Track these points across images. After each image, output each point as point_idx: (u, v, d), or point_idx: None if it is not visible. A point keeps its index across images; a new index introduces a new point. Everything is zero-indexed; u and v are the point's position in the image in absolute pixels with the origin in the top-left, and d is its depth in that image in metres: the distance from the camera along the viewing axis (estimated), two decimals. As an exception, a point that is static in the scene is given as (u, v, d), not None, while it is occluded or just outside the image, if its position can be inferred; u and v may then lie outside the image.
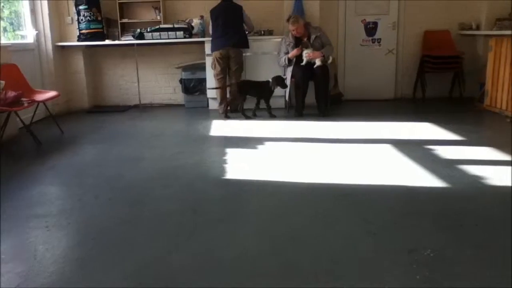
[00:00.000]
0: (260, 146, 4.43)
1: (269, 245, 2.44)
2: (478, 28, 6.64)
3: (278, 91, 6.25)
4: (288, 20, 5.92)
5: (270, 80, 5.73)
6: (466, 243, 2.42)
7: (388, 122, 5.31)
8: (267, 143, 4.54)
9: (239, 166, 3.83)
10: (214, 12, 6.08)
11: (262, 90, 5.80)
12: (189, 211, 2.92)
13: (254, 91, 5.86)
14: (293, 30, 5.85)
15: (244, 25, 6.13)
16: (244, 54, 6.21)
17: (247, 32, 6.22)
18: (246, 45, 6.14)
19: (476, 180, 3.35)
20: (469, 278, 2.08)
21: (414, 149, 4.12)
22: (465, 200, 3.02)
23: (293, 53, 5.82)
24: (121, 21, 6.65)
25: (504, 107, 5.44)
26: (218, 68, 6.08)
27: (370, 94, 6.91)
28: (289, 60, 5.89)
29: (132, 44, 6.51)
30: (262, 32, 6.49)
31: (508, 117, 5.22)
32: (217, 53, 6.03)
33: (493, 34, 6.02)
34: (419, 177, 3.43)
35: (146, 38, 6.36)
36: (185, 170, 3.75)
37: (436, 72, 6.59)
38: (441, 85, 6.80)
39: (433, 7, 6.73)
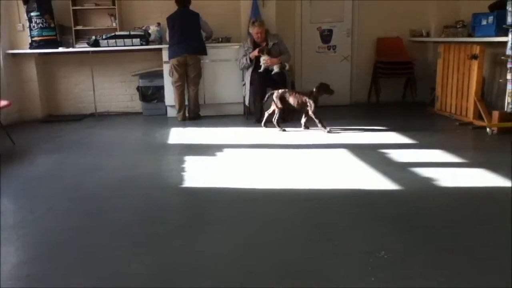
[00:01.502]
0: (219, 153, 4.43)
1: (228, 252, 2.44)
2: (428, 35, 6.91)
3: (236, 97, 6.33)
4: (253, 22, 5.96)
5: (314, 88, 5.27)
6: (419, 244, 2.50)
7: (343, 127, 5.44)
8: (226, 150, 4.55)
9: (198, 174, 3.82)
10: (171, 19, 6.05)
11: (301, 101, 5.29)
12: (148, 221, 2.89)
13: (292, 101, 5.35)
14: (257, 33, 5.88)
15: (202, 32, 6.14)
16: (202, 61, 6.22)
17: (205, 39, 6.23)
18: (204, 51, 6.14)
19: (428, 182, 3.47)
20: (424, 279, 2.15)
21: (369, 153, 4.24)
22: (417, 201, 3.13)
23: (254, 53, 5.86)
24: (75, 28, 6.51)
25: (453, 111, 5.68)
26: (176, 75, 6.05)
27: (326, 100, 6.95)
28: (250, 60, 5.91)
29: (87, 52, 6.39)
30: (220, 39, 6.51)
31: (457, 121, 5.46)
32: (174, 60, 6.01)
33: (441, 41, 6.29)
34: (374, 180, 3.53)
35: (101, 45, 6.25)
36: (143, 180, 3.70)
37: (389, 78, 6.81)
38: (394, 90, 7.03)
39: (385, 15, 6.94)
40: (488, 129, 4.95)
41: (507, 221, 2.82)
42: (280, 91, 5.42)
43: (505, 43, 4.89)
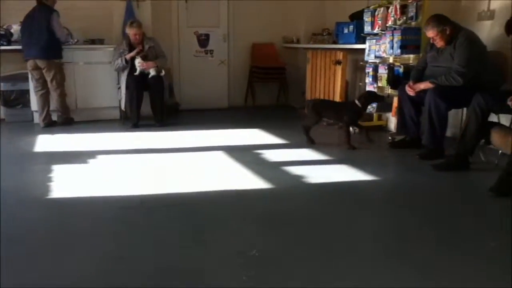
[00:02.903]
0: (91, 161, 4.22)
1: (96, 268, 2.32)
2: (298, 41, 7.34)
3: (111, 101, 6.11)
4: (131, 23, 5.78)
5: (357, 100, 4.72)
6: (289, 241, 2.61)
7: (221, 129, 5.54)
8: (100, 157, 4.35)
9: (67, 183, 3.60)
10: (25, 18, 5.59)
11: (343, 112, 4.76)
12: (5, 240, 2.63)
13: (331, 112, 4.90)
14: (135, 34, 5.72)
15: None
16: (71, 63, 5.84)
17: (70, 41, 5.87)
18: (53, 55, 5.63)
19: (298, 179, 3.68)
20: (291, 276, 2.23)
21: (244, 154, 4.37)
22: (288, 198, 3.31)
23: (131, 54, 5.69)
24: None
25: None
26: (33, 80, 5.64)
27: (205, 103, 7.11)
28: (126, 61, 5.71)
29: None
30: (93, 41, 6.22)
31: (325, 121, 5.87)
32: (27, 64, 5.59)
33: (310, 47, 6.72)
34: (247, 180, 3.64)
35: (-48, 45, 5.60)
36: (3, 194, 3.36)
37: (263, 82, 7.10)
38: (269, 93, 7.36)
39: (259, 21, 7.21)
40: (351, 128, 5.39)
41: (370, 212, 3.12)
42: (314, 100, 5.01)
43: (364, 50, 5.41)
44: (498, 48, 4.24)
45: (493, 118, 3.88)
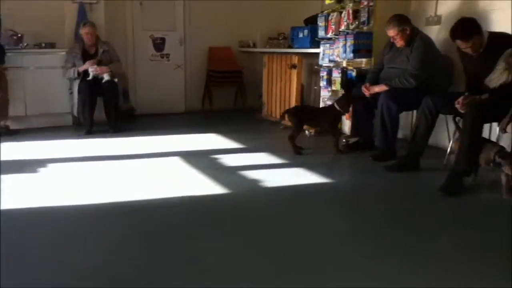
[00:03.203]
0: (42, 169, 4.07)
1: (45, 279, 2.24)
2: (254, 45, 7.37)
3: (64, 107, 5.94)
4: (84, 24, 5.67)
5: (335, 104, 4.54)
6: (251, 246, 2.60)
7: (178, 135, 5.48)
8: (51, 165, 4.20)
9: (15, 194, 3.44)
10: None
11: (325, 117, 4.65)
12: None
13: (313, 119, 4.79)
14: (88, 33, 5.60)
15: None
16: (16, 68, 5.61)
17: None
18: None
19: (254, 184, 3.69)
20: (250, 280, 2.23)
21: (201, 160, 4.33)
22: (244, 203, 3.31)
23: (83, 67, 5.55)
24: None
25: (278, 116, 6.12)
26: None
27: (162, 108, 7.02)
28: (78, 74, 5.58)
29: None
30: (43, 45, 6.02)
31: (281, 125, 5.92)
32: None
33: (266, 51, 6.77)
34: (205, 186, 3.61)
35: None
36: None
37: (220, 86, 7.09)
38: (226, 97, 7.34)
39: (216, 25, 7.17)
40: (307, 132, 5.48)
41: (328, 214, 3.16)
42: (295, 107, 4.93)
43: (318, 54, 5.49)
44: (444, 52, 4.41)
45: (441, 119, 4.03)
